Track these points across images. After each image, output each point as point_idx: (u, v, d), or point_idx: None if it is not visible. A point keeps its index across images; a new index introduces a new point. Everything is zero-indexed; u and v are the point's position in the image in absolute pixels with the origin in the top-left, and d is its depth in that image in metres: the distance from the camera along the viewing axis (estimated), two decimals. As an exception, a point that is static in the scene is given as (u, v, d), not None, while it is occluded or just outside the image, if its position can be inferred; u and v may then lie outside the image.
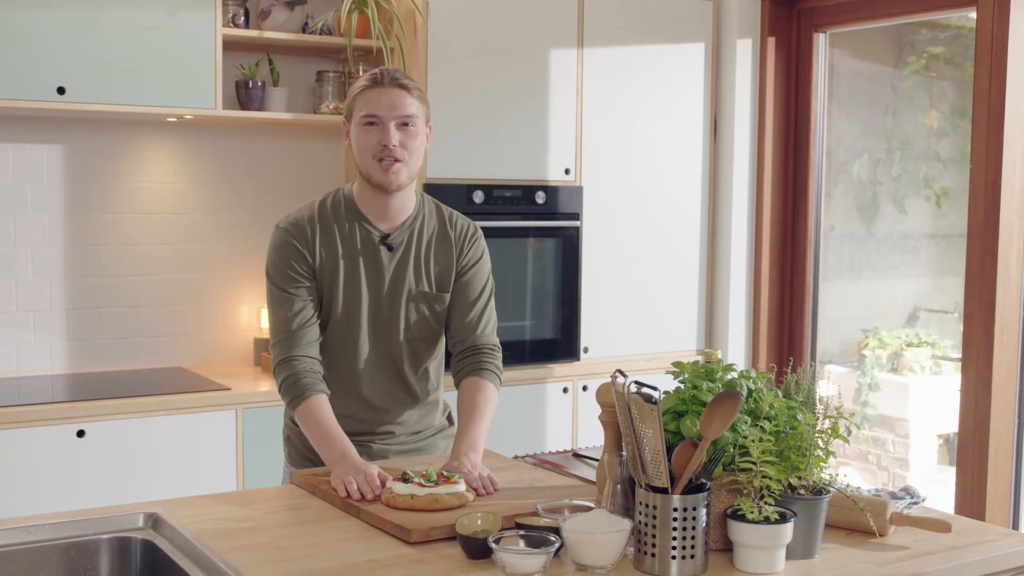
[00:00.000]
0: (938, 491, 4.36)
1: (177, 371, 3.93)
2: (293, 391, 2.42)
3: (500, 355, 2.60)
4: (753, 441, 1.82)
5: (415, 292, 2.51)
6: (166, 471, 3.44)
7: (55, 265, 3.82)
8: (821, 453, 1.89)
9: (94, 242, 3.88)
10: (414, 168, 2.46)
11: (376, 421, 2.55)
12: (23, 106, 3.41)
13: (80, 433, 3.32)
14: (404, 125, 2.41)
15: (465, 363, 2.56)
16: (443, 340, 2.64)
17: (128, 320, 3.95)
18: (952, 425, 3.86)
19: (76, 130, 3.83)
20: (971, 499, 3.67)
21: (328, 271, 2.47)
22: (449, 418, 2.73)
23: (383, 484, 2.17)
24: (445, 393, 2.72)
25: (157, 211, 3.99)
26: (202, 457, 3.50)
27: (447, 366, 2.66)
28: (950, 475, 3.91)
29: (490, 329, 2.60)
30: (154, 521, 2.07)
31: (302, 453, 2.57)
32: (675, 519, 1.76)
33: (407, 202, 2.52)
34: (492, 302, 2.62)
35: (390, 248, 2.50)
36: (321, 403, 2.41)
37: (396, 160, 2.40)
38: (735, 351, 4.46)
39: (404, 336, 2.52)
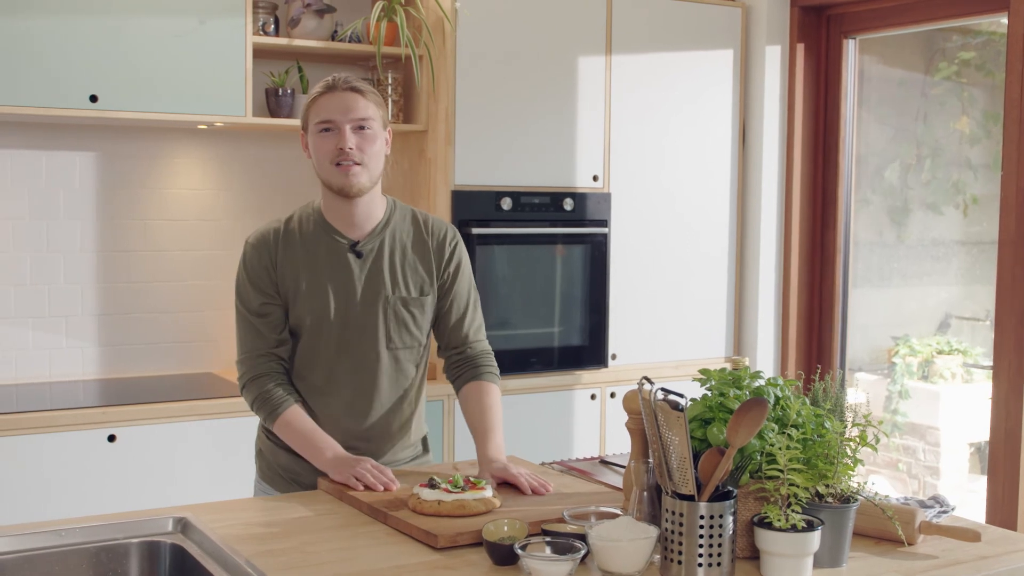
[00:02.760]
0: (970, 500, 4.32)
1: (207, 376, 3.96)
2: (267, 407, 2.42)
3: (493, 357, 2.60)
4: (780, 449, 1.82)
5: (392, 299, 2.46)
6: (196, 476, 3.47)
7: (87, 271, 3.86)
8: (849, 461, 1.88)
9: (125, 248, 3.92)
10: (375, 172, 2.41)
11: (351, 435, 2.48)
12: (56, 114, 3.44)
13: (111, 438, 3.35)
14: (360, 128, 2.37)
15: (463, 369, 2.57)
16: (426, 355, 2.57)
17: (159, 326, 3.99)
18: (983, 433, 3.83)
19: (108, 137, 3.87)
20: (1002, 508, 3.63)
21: (291, 284, 2.43)
22: (424, 444, 2.66)
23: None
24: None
25: (187, 218, 4.02)
26: (231, 462, 3.52)
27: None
28: (981, 484, 3.87)
29: (482, 334, 2.60)
30: (183, 526, 2.09)
31: (273, 468, 2.53)
32: (702, 527, 1.76)
33: (374, 208, 2.47)
34: (479, 304, 2.61)
35: (359, 255, 2.45)
36: (296, 413, 2.41)
37: (354, 163, 2.37)
38: (764, 358, 4.44)
39: (385, 345, 2.46)
